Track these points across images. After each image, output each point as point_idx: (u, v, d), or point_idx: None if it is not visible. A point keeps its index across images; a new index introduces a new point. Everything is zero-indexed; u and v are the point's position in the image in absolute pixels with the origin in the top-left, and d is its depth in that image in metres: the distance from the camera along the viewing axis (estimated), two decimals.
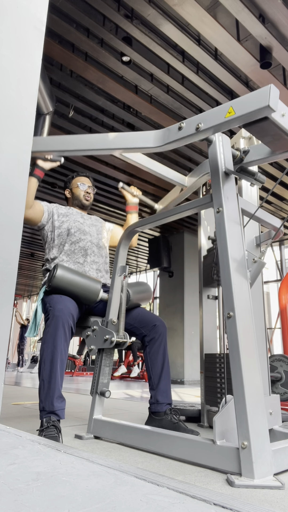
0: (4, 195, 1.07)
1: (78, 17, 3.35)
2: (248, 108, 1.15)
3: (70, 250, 2.04)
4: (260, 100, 1.12)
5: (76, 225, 2.10)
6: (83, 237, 2.08)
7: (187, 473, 1.19)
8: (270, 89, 1.11)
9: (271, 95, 1.10)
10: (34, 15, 1.26)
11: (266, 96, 1.11)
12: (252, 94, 1.15)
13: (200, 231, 2.47)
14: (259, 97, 1.13)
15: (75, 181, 2.27)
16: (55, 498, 0.58)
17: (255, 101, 1.14)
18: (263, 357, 1.85)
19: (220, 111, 1.23)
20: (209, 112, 1.27)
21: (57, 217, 2.11)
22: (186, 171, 5.85)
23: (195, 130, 1.30)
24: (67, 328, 1.65)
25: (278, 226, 1.79)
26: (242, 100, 1.18)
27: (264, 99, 1.11)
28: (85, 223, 2.16)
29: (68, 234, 2.06)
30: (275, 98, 1.12)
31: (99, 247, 2.14)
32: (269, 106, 1.10)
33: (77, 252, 2.04)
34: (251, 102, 1.15)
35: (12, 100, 1.15)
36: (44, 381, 1.59)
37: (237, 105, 1.19)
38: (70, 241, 2.05)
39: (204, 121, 1.28)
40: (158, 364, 1.85)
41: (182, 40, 3.50)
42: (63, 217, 2.12)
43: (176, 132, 1.36)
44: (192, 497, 0.64)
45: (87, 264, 2.04)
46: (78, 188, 2.24)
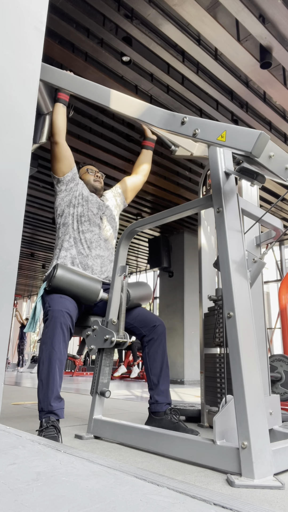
0: (4, 195, 1.07)
1: (78, 17, 3.35)
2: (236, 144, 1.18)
3: (76, 239, 2.02)
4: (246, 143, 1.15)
5: (89, 214, 2.08)
6: (91, 229, 2.06)
7: (187, 473, 1.19)
8: (259, 136, 1.13)
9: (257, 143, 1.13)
10: (34, 15, 1.26)
11: (252, 141, 1.14)
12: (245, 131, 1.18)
13: (200, 231, 2.47)
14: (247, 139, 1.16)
15: (82, 169, 2.30)
16: (55, 498, 0.58)
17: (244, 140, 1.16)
18: (263, 357, 1.85)
19: (216, 130, 1.26)
20: (208, 123, 1.30)
21: (78, 195, 2.09)
22: (186, 172, 5.86)
23: (191, 134, 1.33)
24: (65, 329, 1.65)
25: (278, 226, 1.79)
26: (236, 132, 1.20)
27: (248, 144, 1.14)
28: (98, 214, 2.13)
29: (78, 220, 2.05)
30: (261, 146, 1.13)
31: (105, 240, 2.12)
32: (251, 153, 1.14)
33: (83, 243, 2.02)
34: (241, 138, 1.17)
35: (12, 100, 1.15)
36: (43, 382, 1.59)
37: (230, 134, 1.21)
38: (78, 230, 2.04)
39: (201, 129, 1.30)
40: (157, 364, 1.85)
41: (182, 40, 3.50)
42: (82, 200, 2.10)
43: (179, 126, 1.38)
44: (192, 497, 0.64)
45: (91, 257, 2.01)
46: (87, 173, 2.25)
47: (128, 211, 7.16)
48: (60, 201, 2.07)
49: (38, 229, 8.19)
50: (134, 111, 1.52)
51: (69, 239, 2.01)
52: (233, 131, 1.20)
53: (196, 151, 1.95)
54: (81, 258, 1.99)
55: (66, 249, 1.99)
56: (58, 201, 2.08)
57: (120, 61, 3.77)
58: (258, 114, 4.53)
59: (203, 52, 3.62)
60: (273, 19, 3.25)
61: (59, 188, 2.07)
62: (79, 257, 1.99)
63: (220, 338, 1.97)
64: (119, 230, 8.08)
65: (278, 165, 1.20)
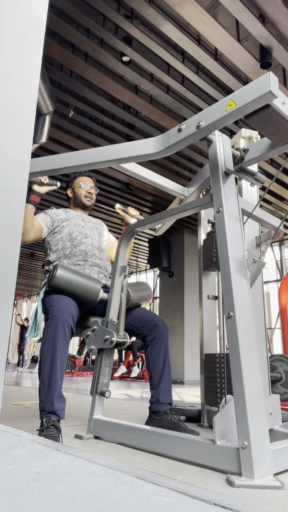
0: (4, 195, 1.07)
1: (78, 17, 3.35)
2: (249, 97, 1.15)
3: (71, 254, 2.04)
4: (261, 87, 1.12)
5: (77, 228, 2.10)
6: (84, 240, 2.08)
7: (187, 473, 1.19)
8: (270, 76, 1.11)
9: (271, 82, 1.11)
10: (34, 15, 1.26)
11: (266, 83, 1.11)
12: (252, 84, 1.15)
13: (200, 231, 2.47)
14: (259, 85, 1.13)
15: (77, 181, 2.27)
16: (55, 498, 0.58)
17: (255, 89, 1.14)
18: (263, 357, 1.85)
19: (220, 106, 1.23)
20: (208, 109, 1.27)
21: (57, 224, 2.10)
22: (186, 172, 5.85)
23: (195, 129, 1.29)
24: (67, 328, 1.65)
25: (278, 226, 1.79)
26: (242, 91, 1.18)
27: (265, 86, 1.11)
28: (86, 226, 2.16)
29: (70, 238, 2.06)
30: (275, 84, 1.12)
31: (100, 250, 2.13)
32: (271, 92, 1.10)
33: (78, 255, 2.04)
34: (252, 91, 1.15)
35: (12, 100, 1.15)
36: (44, 381, 1.59)
37: (237, 97, 1.19)
38: (72, 245, 2.05)
39: (204, 118, 1.27)
40: (159, 363, 1.85)
41: (182, 40, 3.50)
42: (63, 222, 2.11)
43: (176, 135, 1.35)
44: (192, 497, 0.64)
45: (87, 266, 2.04)
46: (80, 188, 2.23)
47: None
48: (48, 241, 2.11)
49: None
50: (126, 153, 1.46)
51: (64, 259, 2.03)
52: (240, 93, 1.18)
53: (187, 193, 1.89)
54: (78, 268, 2.02)
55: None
56: (47, 243, 2.11)
57: (120, 61, 3.77)
58: None
59: (203, 52, 3.62)
60: (273, 19, 3.25)
61: (46, 241, 2.11)
62: (76, 268, 2.01)
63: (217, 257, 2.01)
64: (119, 230, 8.08)
65: None
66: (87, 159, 1.53)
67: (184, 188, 1.86)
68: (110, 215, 7.54)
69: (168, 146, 1.38)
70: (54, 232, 2.09)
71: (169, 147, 1.38)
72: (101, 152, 1.51)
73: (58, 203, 6.81)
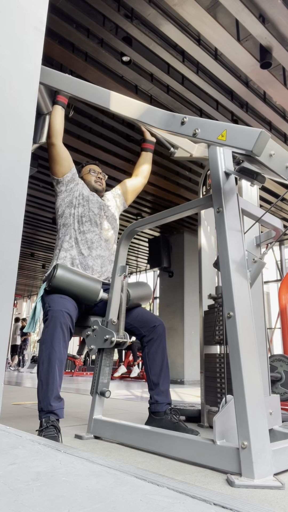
0: (4, 195, 1.07)
1: (78, 17, 3.35)
2: (237, 143, 1.18)
3: (76, 239, 2.02)
4: (247, 142, 1.15)
5: (90, 214, 2.08)
6: (92, 229, 2.06)
7: (187, 473, 1.19)
8: (259, 135, 1.13)
9: (258, 140, 1.13)
10: (34, 15, 1.26)
11: (253, 139, 1.14)
12: (245, 130, 1.18)
13: (200, 231, 2.47)
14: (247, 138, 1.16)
15: (85, 169, 2.29)
16: (55, 498, 0.58)
17: (244, 138, 1.16)
18: (263, 357, 1.85)
19: (216, 129, 1.26)
20: (208, 123, 1.30)
21: (78, 195, 2.08)
22: (186, 172, 5.85)
23: (191, 134, 1.32)
24: (65, 329, 1.65)
25: (278, 226, 1.79)
26: (236, 131, 1.20)
27: (249, 143, 1.14)
28: (99, 214, 2.13)
29: (79, 220, 2.05)
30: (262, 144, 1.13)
31: (106, 241, 2.12)
32: (252, 152, 1.13)
33: (84, 243, 2.02)
34: (241, 137, 1.17)
35: (12, 100, 1.15)
36: (42, 382, 1.59)
37: (230, 133, 1.21)
38: (79, 230, 2.04)
39: (201, 129, 1.30)
40: (157, 364, 1.85)
41: (182, 40, 3.50)
42: (83, 200, 2.09)
43: (179, 126, 1.37)
44: (192, 497, 0.64)
45: (91, 258, 2.01)
46: (89, 174, 2.24)
47: (128, 211, 7.15)
48: (61, 202, 2.07)
49: (38, 229, 8.19)
50: (133, 112, 1.51)
51: (70, 239, 2.01)
52: (234, 130, 1.20)
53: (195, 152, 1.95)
54: (81, 258, 1.99)
55: (66, 250, 1.99)
56: (59, 202, 2.08)
57: (120, 61, 3.77)
58: (258, 114, 4.53)
59: (203, 52, 3.62)
60: (273, 19, 3.25)
61: (59, 189, 2.07)
62: (80, 257, 1.98)
63: (220, 335, 1.97)
64: (119, 230, 8.07)
65: (279, 164, 1.20)
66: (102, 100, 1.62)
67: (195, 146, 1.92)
68: None
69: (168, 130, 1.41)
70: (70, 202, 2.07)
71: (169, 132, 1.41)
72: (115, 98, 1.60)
73: None
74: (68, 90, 1.69)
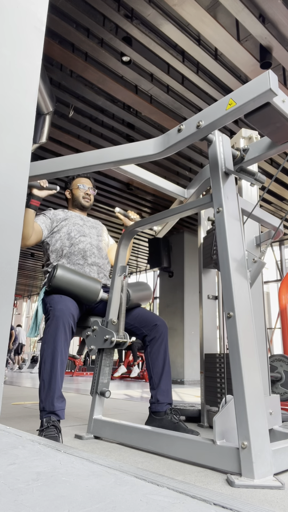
0: (4, 195, 1.07)
1: (78, 17, 3.35)
2: (249, 96, 1.15)
3: (69, 253, 2.04)
4: (261, 85, 1.12)
5: (75, 227, 2.10)
6: (82, 239, 2.08)
7: (187, 473, 1.19)
8: (269, 74, 1.12)
9: (271, 80, 1.11)
10: (34, 15, 1.26)
11: (266, 80, 1.11)
12: (251, 82, 1.16)
13: (200, 231, 2.47)
14: (259, 83, 1.13)
15: (75, 182, 2.27)
16: (55, 498, 0.58)
17: (255, 87, 1.14)
18: (263, 357, 1.85)
19: (220, 105, 1.23)
20: (208, 108, 1.27)
21: (56, 224, 2.11)
22: (186, 172, 5.85)
23: (196, 129, 1.29)
24: (67, 328, 1.65)
25: (278, 226, 1.79)
26: (242, 90, 1.18)
27: (264, 84, 1.11)
28: (85, 225, 2.16)
29: (68, 237, 2.07)
30: (275, 82, 1.12)
31: (99, 249, 2.13)
32: (271, 90, 1.10)
33: (77, 254, 2.04)
34: (251, 89, 1.15)
35: (12, 100, 1.15)
36: (45, 381, 1.59)
37: (237, 95, 1.18)
38: (70, 244, 2.05)
39: (204, 118, 1.27)
40: (159, 363, 1.85)
41: (182, 40, 3.50)
42: (62, 221, 2.12)
43: (176, 135, 1.35)
44: (192, 497, 0.64)
45: (87, 265, 2.04)
46: (78, 189, 2.24)
47: None
48: (46, 245, 2.12)
49: None
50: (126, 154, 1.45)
51: (62, 259, 2.03)
52: (239, 91, 1.18)
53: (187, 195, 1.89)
54: (78, 268, 2.01)
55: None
56: (45, 247, 2.12)
57: (120, 61, 3.77)
58: None
59: (203, 52, 3.62)
60: (273, 19, 3.25)
61: (45, 242, 2.12)
62: (76, 267, 2.01)
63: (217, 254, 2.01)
64: (119, 230, 8.08)
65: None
66: (87, 162, 1.53)
67: (184, 189, 1.86)
68: (110, 215, 7.54)
69: (168, 147, 1.37)
70: (53, 232, 2.10)
71: (169, 148, 1.37)
72: (101, 154, 1.50)
73: (58, 203, 6.81)
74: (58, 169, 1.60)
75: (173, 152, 1.40)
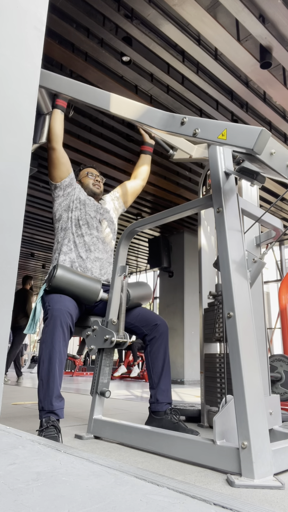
0: (4, 195, 1.07)
1: (78, 17, 3.34)
2: (237, 142, 1.18)
3: (75, 242, 2.03)
4: (249, 139, 1.15)
5: (86, 218, 2.08)
6: (89, 232, 2.07)
7: (187, 473, 1.19)
8: (260, 133, 1.12)
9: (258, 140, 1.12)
10: (34, 15, 1.26)
11: (253, 138, 1.13)
12: (246, 128, 1.17)
13: (200, 231, 2.47)
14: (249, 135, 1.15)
15: (83, 172, 2.29)
16: (55, 498, 0.58)
17: (245, 137, 1.16)
18: (263, 357, 1.85)
19: (216, 128, 1.26)
20: (208, 122, 1.29)
21: (75, 199, 2.09)
22: (186, 172, 5.85)
23: (191, 134, 1.32)
24: (65, 328, 1.65)
25: (278, 226, 1.79)
26: (237, 129, 1.20)
27: (251, 141, 1.14)
28: (96, 217, 2.14)
29: (76, 224, 2.05)
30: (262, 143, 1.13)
31: (104, 243, 2.12)
32: (253, 150, 1.13)
33: (82, 246, 2.03)
34: (242, 136, 1.17)
35: (12, 100, 1.15)
36: (43, 381, 1.59)
37: (231, 132, 1.21)
38: (77, 233, 2.04)
39: (201, 129, 1.30)
40: (159, 363, 1.85)
41: (182, 40, 3.50)
42: (80, 204, 2.10)
43: (178, 127, 1.37)
44: (192, 497, 0.64)
45: (89, 260, 2.02)
46: (87, 177, 2.24)
47: (128, 211, 7.15)
48: (58, 206, 2.08)
49: (38, 229, 8.19)
50: (133, 113, 1.51)
51: (68, 243, 2.02)
52: (234, 129, 1.20)
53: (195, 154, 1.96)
54: (80, 261, 2.00)
55: (65, 253, 2.00)
56: (56, 206, 2.09)
57: (120, 61, 3.77)
58: (258, 114, 4.53)
59: (203, 52, 3.62)
60: (273, 19, 3.25)
61: (56, 193, 2.08)
62: (78, 260, 2.00)
63: (220, 333, 1.97)
64: (119, 231, 8.07)
65: (280, 163, 1.20)
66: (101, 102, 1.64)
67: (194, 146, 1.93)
68: None
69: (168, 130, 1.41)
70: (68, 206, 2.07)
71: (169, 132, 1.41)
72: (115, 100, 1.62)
73: None
74: (67, 93, 1.69)
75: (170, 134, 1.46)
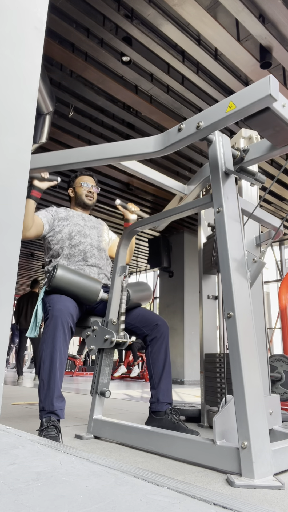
0: (4, 195, 1.07)
1: (78, 17, 3.35)
2: (249, 100, 1.15)
3: (70, 254, 2.04)
4: (261, 90, 1.12)
5: (76, 228, 2.10)
6: (83, 240, 2.08)
7: (187, 473, 1.19)
8: (270, 79, 1.11)
9: (271, 84, 1.11)
10: (34, 15, 1.26)
11: (266, 85, 1.11)
12: (252, 86, 1.15)
13: (200, 231, 2.47)
14: (259, 87, 1.13)
15: (78, 180, 2.27)
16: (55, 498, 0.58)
17: (255, 92, 1.14)
18: (263, 357, 1.85)
19: (220, 107, 1.23)
20: (208, 109, 1.27)
21: (57, 223, 2.10)
22: (186, 172, 5.85)
23: (195, 129, 1.29)
24: (66, 328, 1.65)
25: (278, 226, 1.79)
26: (242, 93, 1.17)
27: (265, 89, 1.11)
28: (86, 225, 2.15)
29: (69, 237, 2.06)
30: (275, 87, 1.12)
31: (99, 250, 2.13)
32: (271, 95, 1.10)
33: (77, 255, 2.04)
34: (252, 93, 1.14)
35: (12, 100, 1.15)
36: (44, 381, 1.59)
37: (237, 98, 1.18)
38: (70, 245, 2.05)
39: (204, 119, 1.27)
40: (159, 363, 1.86)
41: (182, 40, 3.50)
42: (64, 221, 2.11)
43: (176, 134, 1.35)
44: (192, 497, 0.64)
45: (87, 267, 2.04)
46: (81, 187, 2.23)
47: None
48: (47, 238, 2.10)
49: None
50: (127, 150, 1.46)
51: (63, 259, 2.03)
52: (240, 95, 1.17)
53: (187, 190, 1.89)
54: (78, 268, 2.01)
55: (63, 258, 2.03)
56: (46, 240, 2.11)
57: (120, 61, 3.77)
58: None
59: (203, 52, 3.62)
60: (273, 19, 3.25)
61: (46, 240, 2.11)
62: (76, 267, 2.01)
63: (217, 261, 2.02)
64: (119, 230, 8.08)
65: None
66: (88, 156, 1.53)
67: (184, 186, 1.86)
68: (111, 215, 7.54)
69: (168, 145, 1.38)
70: (54, 231, 2.09)
71: (169, 146, 1.38)
72: (102, 149, 1.51)
73: (59, 203, 6.81)
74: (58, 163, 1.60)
75: (173, 150, 1.41)
